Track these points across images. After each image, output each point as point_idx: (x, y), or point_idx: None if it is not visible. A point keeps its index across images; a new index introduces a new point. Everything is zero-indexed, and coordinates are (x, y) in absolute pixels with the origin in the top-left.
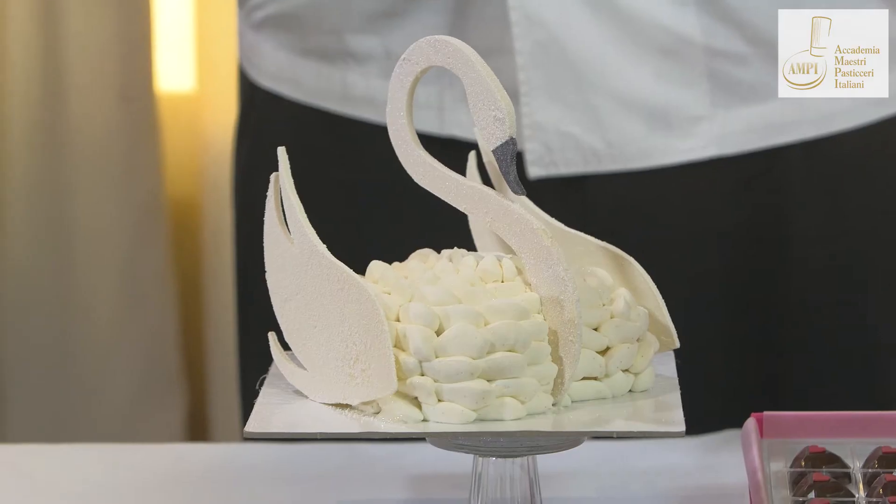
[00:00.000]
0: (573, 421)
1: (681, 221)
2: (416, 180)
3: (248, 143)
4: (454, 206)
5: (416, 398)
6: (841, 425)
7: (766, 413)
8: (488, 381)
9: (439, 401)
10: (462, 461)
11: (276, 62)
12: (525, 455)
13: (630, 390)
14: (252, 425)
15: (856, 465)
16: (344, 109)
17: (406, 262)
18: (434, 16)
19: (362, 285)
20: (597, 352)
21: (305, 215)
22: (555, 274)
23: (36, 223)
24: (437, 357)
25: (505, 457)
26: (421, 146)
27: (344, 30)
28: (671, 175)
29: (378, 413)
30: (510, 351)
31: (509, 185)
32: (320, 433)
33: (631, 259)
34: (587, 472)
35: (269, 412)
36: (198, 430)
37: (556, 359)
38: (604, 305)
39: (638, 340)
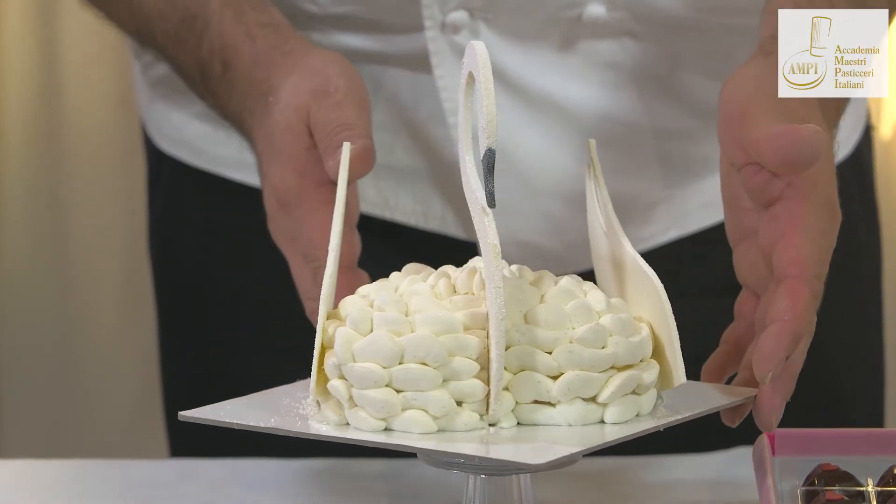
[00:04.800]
0: (479, 444)
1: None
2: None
3: (160, 204)
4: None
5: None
6: (855, 442)
7: (778, 430)
8: (396, 391)
9: (353, 406)
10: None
11: (172, 125)
12: (505, 475)
13: (602, 421)
14: (193, 411)
15: (870, 484)
16: (244, 177)
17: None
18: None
19: (328, 286)
20: (549, 376)
21: (342, 211)
22: (490, 291)
23: (34, 231)
24: (355, 362)
25: (490, 475)
26: (471, 148)
27: None
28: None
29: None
30: (421, 364)
31: (486, 195)
32: (237, 424)
33: (659, 286)
34: (592, 488)
35: (238, 404)
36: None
37: (485, 378)
38: (574, 329)
39: (616, 369)
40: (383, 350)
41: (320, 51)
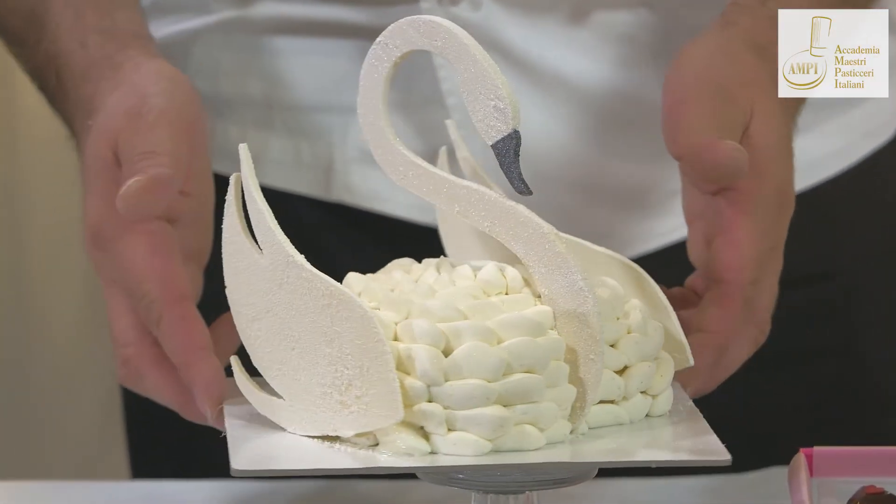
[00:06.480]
0: (597, 450)
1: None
2: (394, 180)
3: None
4: (444, 208)
5: (421, 427)
6: None
7: (816, 448)
8: (505, 406)
9: (450, 430)
10: (460, 496)
11: None
12: (533, 490)
13: (648, 415)
14: (240, 462)
15: None
16: (218, 167)
17: (386, 273)
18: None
19: (355, 300)
20: (615, 371)
21: (276, 222)
22: (571, 284)
23: None
24: (447, 381)
25: (506, 493)
26: (400, 141)
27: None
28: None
29: (376, 445)
30: (528, 372)
31: (513, 185)
32: (317, 469)
33: (642, 271)
34: None
35: (249, 447)
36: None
37: (575, 380)
38: (618, 319)
39: (655, 359)
40: (486, 363)
41: (151, 64)
